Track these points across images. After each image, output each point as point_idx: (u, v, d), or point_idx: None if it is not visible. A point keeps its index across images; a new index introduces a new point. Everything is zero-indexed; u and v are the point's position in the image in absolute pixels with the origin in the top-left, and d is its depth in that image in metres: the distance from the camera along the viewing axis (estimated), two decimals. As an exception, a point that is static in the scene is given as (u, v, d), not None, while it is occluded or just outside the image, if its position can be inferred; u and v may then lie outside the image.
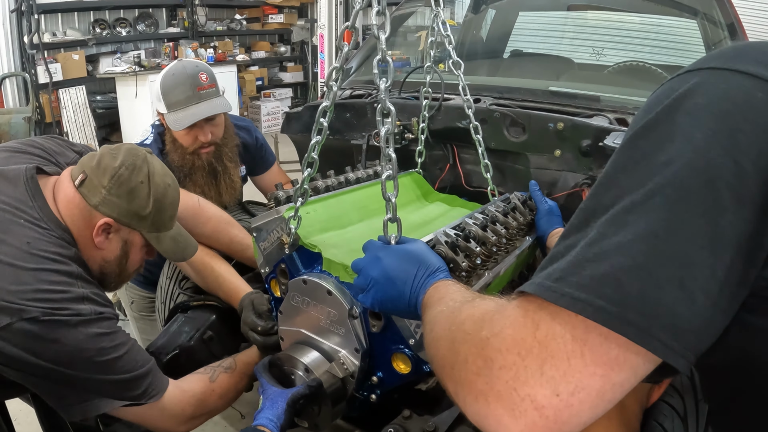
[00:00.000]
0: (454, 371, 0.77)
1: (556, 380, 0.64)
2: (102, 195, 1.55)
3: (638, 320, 0.61)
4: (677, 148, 0.66)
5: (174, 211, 1.72)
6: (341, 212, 1.86)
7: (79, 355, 1.39)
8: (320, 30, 8.92)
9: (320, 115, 1.51)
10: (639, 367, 0.65)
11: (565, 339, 0.65)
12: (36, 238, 1.45)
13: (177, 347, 1.91)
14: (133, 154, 1.61)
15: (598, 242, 0.67)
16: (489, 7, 4.02)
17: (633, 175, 0.69)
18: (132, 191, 1.57)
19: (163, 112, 2.34)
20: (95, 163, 1.58)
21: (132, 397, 1.51)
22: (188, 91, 2.31)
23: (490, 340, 0.71)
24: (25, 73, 7.63)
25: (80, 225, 1.56)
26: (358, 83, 2.98)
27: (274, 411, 1.44)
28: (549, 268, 0.71)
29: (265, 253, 1.74)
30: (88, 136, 8.16)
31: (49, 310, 1.35)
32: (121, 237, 1.63)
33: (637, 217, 0.65)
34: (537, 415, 0.65)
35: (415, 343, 1.43)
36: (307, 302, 1.59)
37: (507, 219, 1.81)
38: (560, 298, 0.65)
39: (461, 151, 2.48)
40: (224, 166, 2.48)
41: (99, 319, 1.44)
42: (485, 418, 0.71)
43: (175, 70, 2.35)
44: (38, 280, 1.38)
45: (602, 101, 2.41)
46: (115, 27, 8.80)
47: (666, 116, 0.70)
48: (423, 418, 1.53)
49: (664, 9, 3.39)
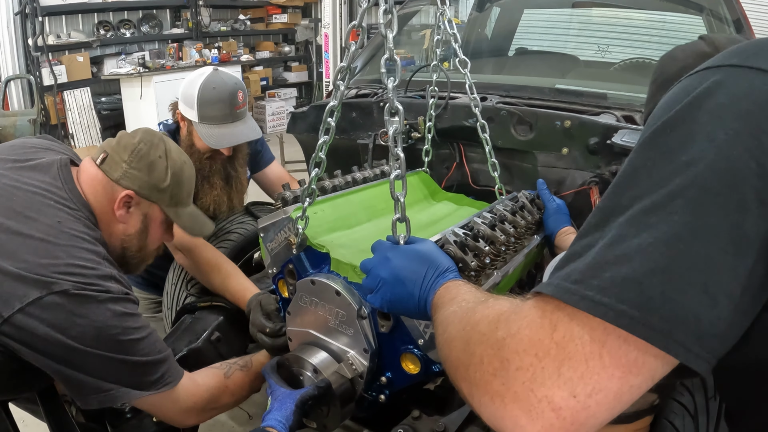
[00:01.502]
0: (469, 372, 0.77)
1: (573, 382, 0.64)
2: (123, 169, 1.64)
3: (661, 325, 0.61)
4: (699, 148, 0.65)
5: (191, 187, 1.81)
6: (349, 212, 1.86)
7: (105, 332, 1.41)
8: (325, 29, 8.91)
9: (328, 115, 1.51)
10: (657, 370, 0.64)
11: (583, 341, 0.64)
12: (66, 218, 1.51)
13: (185, 348, 1.91)
14: (150, 133, 1.73)
15: (619, 244, 0.66)
16: (494, 5, 4.01)
17: (653, 174, 0.68)
18: (151, 164, 1.67)
19: (193, 120, 2.31)
20: (115, 143, 1.70)
21: (148, 383, 1.51)
22: (226, 108, 2.29)
23: (507, 341, 0.71)
24: (29, 76, 7.63)
25: (102, 201, 1.64)
26: (364, 82, 2.98)
27: (283, 412, 1.44)
28: (567, 268, 0.70)
29: (272, 254, 1.73)
30: (93, 138, 8.17)
31: (80, 284, 1.39)
32: (141, 211, 1.71)
33: (659, 219, 0.64)
34: (554, 416, 0.65)
35: (424, 344, 1.42)
36: (316, 303, 1.59)
37: (515, 218, 1.80)
38: (580, 301, 0.65)
39: (468, 149, 2.47)
40: (237, 171, 2.49)
41: (125, 300, 1.49)
42: (501, 420, 0.70)
43: (216, 83, 2.30)
44: (70, 255, 1.43)
45: (609, 99, 2.40)
46: (119, 28, 8.80)
47: (687, 115, 0.69)
48: (432, 418, 1.54)
49: (669, 5, 3.37)
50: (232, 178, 2.48)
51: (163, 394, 1.54)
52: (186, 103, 2.32)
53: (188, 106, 2.31)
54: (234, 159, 2.46)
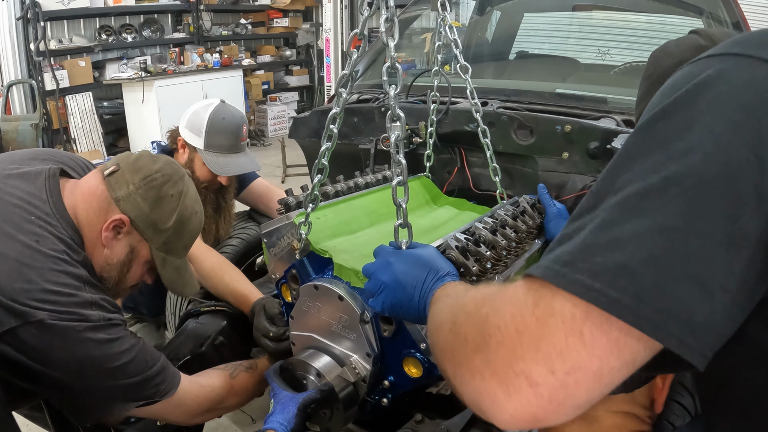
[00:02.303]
0: (454, 353, 0.76)
1: (552, 358, 0.62)
2: (128, 190, 1.51)
3: (653, 315, 0.60)
4: (697, 137, 0.64)
5: (190, 242, 1.68)
6: (351, 217, 1.88)
7: (89, 363, 1.35)
8: (326, 34, 8.93)
9: (330, 122, 1.52)
10: (639, 353, 0.63)
11: (564, 317, 0.63)
12: (45, 236, 1.39)
13: (189, 353, 1.92)
14: (174, 167, 1.59)
15: (611, 227, 0.64)
16: (494, 9, 4.03)
17: (649, 159, 0.66)
18: (159, 199, 1.54)
19: (198, 147, 2.37)
20: (132, 160, 1.56)
21: (145, 397, 1.49)
22: (232, 139, 2.39)
23: (490, 317, 0.70)
24: (31, 80, 7.65)
25: (93, 218, 1.51)
26: (365, 87, 2.99)
27: (285, 415, 1.44)
28: (557, 250, 0.68)
29: (275, 259, 1.75)
30: (95, 142, 8.18)
31: (56, 314, 1.30)
32: (129, 242, 1.56)
33: (653, 206, 0.63)
34: (531, 392, 0.63)
35: (426, 348, 1.44)
36: (319, 307, 1.60)
37: (516, 222, 1.81)
38: (570, 285, 0.63)
39: (469, 154, 2.48)
40: (227, 202, 2.56)
41: (107, 326, 1.40)
42: (480, 396, 0.69)
43: (225, 114, 2.39)
44: (45, 280, 1.32)
45: (609, 103, 2.41)
46: (120, 33, 8.81)
47: (686, 102, 0.67)
48: (435, 422, 1.55)
49: (669, 8, 3.39)
50: (222, 208, 2.54)
51: (164, 401, 1.54)
52: (192, 130, 2.37)
53: (194, 133, 2.36)
54: (226, 190, 2.52)
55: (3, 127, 7.23)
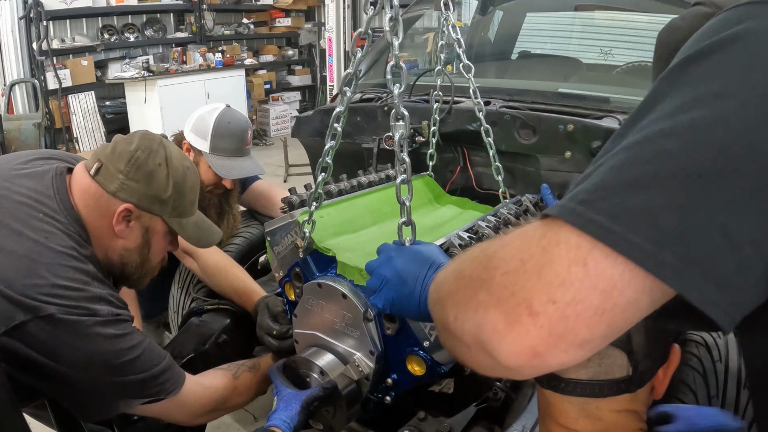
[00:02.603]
0: (457, 296, 0.73)
1: (553, 286, 0.60)
2: (120, 180, 1.51)
3: (675, 263, 0.56)
4: (734, 83, 0.59)
5: (195, 195, 1.69)
6: (354, 216, 1.88)
7: (97, 358, 1.36)
8: (328, 34, 8.94)
9: (334, 121, 1.53)
10: (643, 294, 0.59)
11: (569, 246, 0.60)
12: (53, 232, 1.41)
13: (192, 351, 1.93)
14: (148, 138, 1.58)
15: (632, 167, 0.60)
16: (497, 9, 4.03)
17: (677, 98, 0.61)
18: (150, 174, 1.53)
19: (204, 150, 2.38)
20: (110, 150, 1.54)
21: (149, 395, 1.50)
22: (238, 143, 2.40)
23: (497, 251, 0.68)
24: (34, 80, 7.66)
25: (96, 216, 1.52)
26: (367, 86, 2.99)
27: (288, 412, 1.45)
28: (576, 188, 0.64)
29: (279, 257, 1.75)
30: (97, 142, 8.20)
31: (66, 308, 1.32)
32: (142, 224, 1.59)
33: (678, 147, 0.58)
34: (531, 322, 0.61)
35: (429, 345, 1.44)
36: (322, 305, 1.61)
37: (519, 221, 1.82)
38: (587, 224, 0.60)
39: (472, 153, 2.49)
40: (230, 207, 2.56)
41: (115, 321, 1.41)
42: (481, 327, 0.66)
43: (231, 118, 2.41)
44: (55, 275, 1.34)
45: (611, 102, 2.41)
46: (123, 32, 8.83)
47: (724, 47, 0.62)
48: (438, 419, 1.55)
49: (672, 8, 3.38)
50: (225, 212, 2.54)
51: (168, 400, 1.54)
52: (197, 134, 2.38)
53: (200, 137, 2.37)
54: (230, 194, 2.53)
55: (6, 126, 7.24)
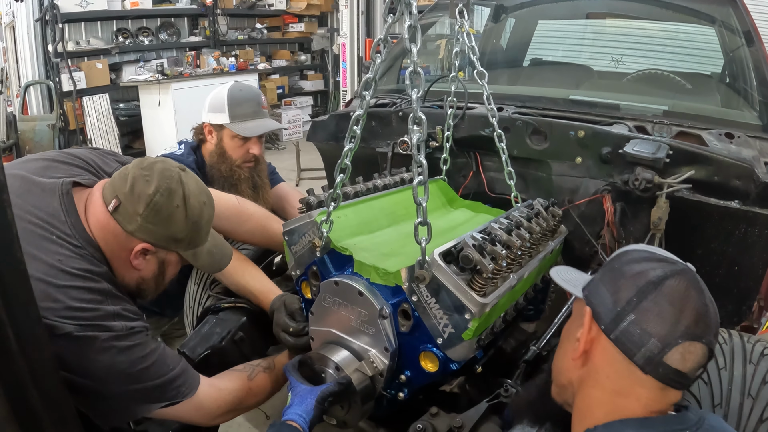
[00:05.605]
0: None
1: None
2: (138, 223, 1.52)
3: None
4: None
5: (209, 227, 1.69)
6: (370, 217, 1.92)
7: (114, 369, 1.42)
8: (342, 39, 9.00)
9: (354, 123, 1.57)
10: None
11: None
12: (67, 255, 1.45)
13: (209, 348, 1.95)
14: (167, 176, 1.56)
15: None
16: (509, 16, 4.07)
17: None
18: (169, 217, 1.55)
19: (225, 122, 2.50)
20: (128, 189, 1.53)
21: (166, 398, 1.55)
22: (254, 106, 2.57)
23: None
24: (49, 81, 7.75)
25: (115, 248, 1.55)
26: (382, 92, 3.03)
27: (304, 407, 1.48)
28: None
29: (296, 256, 1.79)
30: (111, 144, 8.27)
31: (82, 327, 1.38)
32: (158, 258, 1.63)
33: None
34: None
35: (442, 342, 1.48)
36: (339, 303, 1.65)
37: (531, 224, 1.85)
38: None
39: (484, 158, 2.53)
40: (263, 182, 2.64)
41: (129, 334, 1.47)
42: None
43: (242, 87, 2.60)
44: (70, 298, 1.39)
45: (621, 109, 2.45)
46: (137, 36, 8.92)
47: None
48: (450, 415, 1.58)
49: (682, 17, 3.41)
50: (259, 186, 2.62)
51: (184, 403, 1.58)
52: (215, 110, 2.51)
53: (218, 111, 2.51)
54: (260, 168, 2.62)
55: (20, 126, 7.34)
